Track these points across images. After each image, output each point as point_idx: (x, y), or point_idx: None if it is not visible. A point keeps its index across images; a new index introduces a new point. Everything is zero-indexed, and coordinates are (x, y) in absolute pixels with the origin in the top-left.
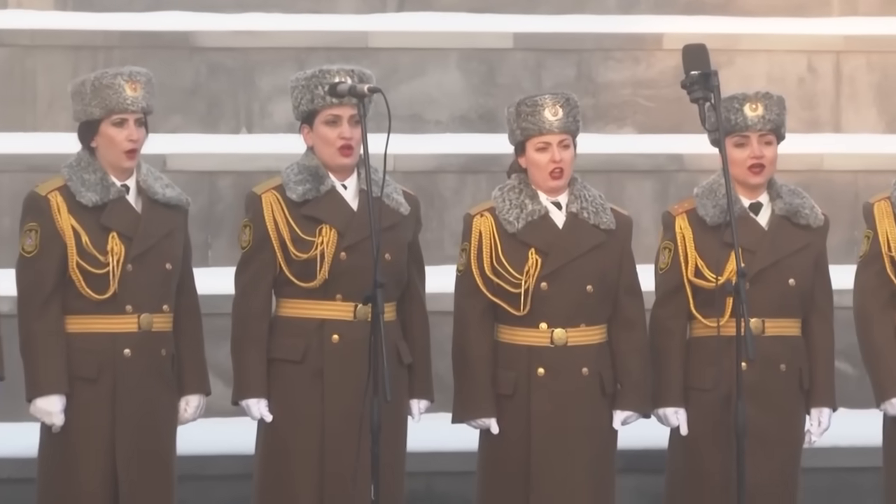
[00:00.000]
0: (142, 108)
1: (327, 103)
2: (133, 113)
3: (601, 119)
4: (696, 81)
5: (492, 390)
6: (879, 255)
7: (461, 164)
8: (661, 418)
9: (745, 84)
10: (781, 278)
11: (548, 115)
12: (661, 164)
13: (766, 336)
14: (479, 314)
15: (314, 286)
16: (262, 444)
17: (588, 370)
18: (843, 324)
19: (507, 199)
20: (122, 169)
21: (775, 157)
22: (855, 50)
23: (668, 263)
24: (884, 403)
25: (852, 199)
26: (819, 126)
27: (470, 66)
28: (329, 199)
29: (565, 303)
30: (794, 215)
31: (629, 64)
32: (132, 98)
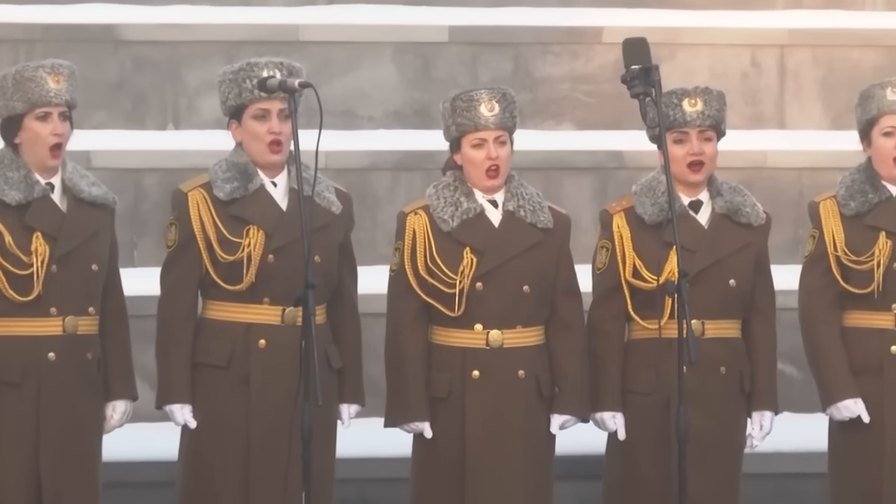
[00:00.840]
0: (66, 102)
1: (256, 97)
2: (57, 106)
3: (539, 115)
4: (637, 76)
5: (425, 393)
6: (825, 255)
7: (395, 161)
8: (599, 423)
9: (686, 79)
10: (722, 278)
11: (484, 111)
12: (601, 162)
13: (707, 338)
14: (412, 315)
15: (241, 289)
16: (185, 450)
17: (524, 373)
18: (788, 325)
19: (442, 197)
20: (47, 167)
21: (715, 153)
22: (800, 44)
23: (606, 263)
24: (830, 407)
25: (796, 197)
26: (763, 122)
27: (404, 60)
28: (257, 198)
29: (501, 303)
30: (734, 214)
31: (568, 58)
32: (55, 91)
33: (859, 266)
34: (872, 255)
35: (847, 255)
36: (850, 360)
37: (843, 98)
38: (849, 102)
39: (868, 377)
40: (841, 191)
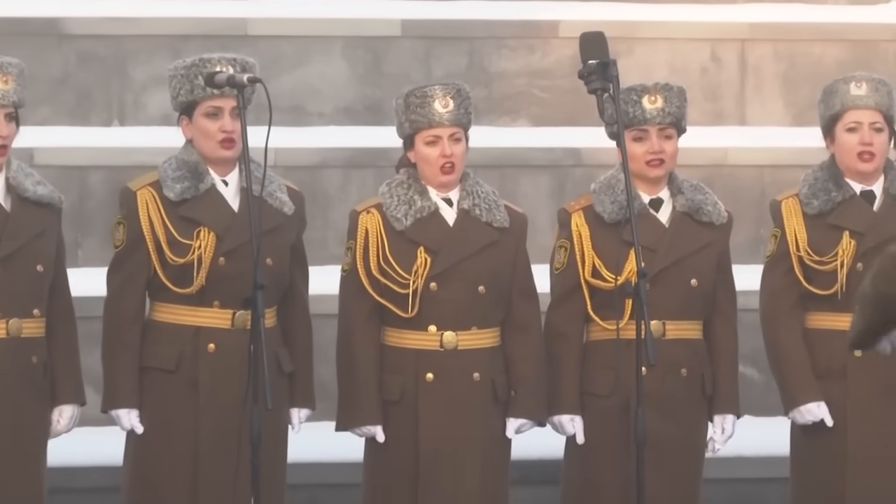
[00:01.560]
0: (12, 103)
1: (208, 94)
2: (3, 107)
3: (494, 111)
4: (594, 71)
5: (378, 396)
6: (787, 254)
7: (346, 158)
8: (557, 426)
9: (645, 74)
10: (683, 278)
11: (438, 107)
12: (558, 159)
13: (667, 339)
14: (364, 316)
15: (190, 292)
16: (131, 455)
17: (480, 375)
18: (750, 327)
19: (395, 195)
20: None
21: (676, 151)
22: (761, 38)
23: (564, 263)
24: (792, 411)
25: (758, 195)
26: (723, 118)
27: (355, 54)
28: (208, 198)
29: (456, 304)
30: (696, 212)
31: (523, 53)
32: (2, 91)
33: (822, 266)
34: (836, 256)
35: (810, 255)
36: (812, 363)
37: (805, 93)
38: (811, 98)
39: (831, 380)
40: (803, 189)
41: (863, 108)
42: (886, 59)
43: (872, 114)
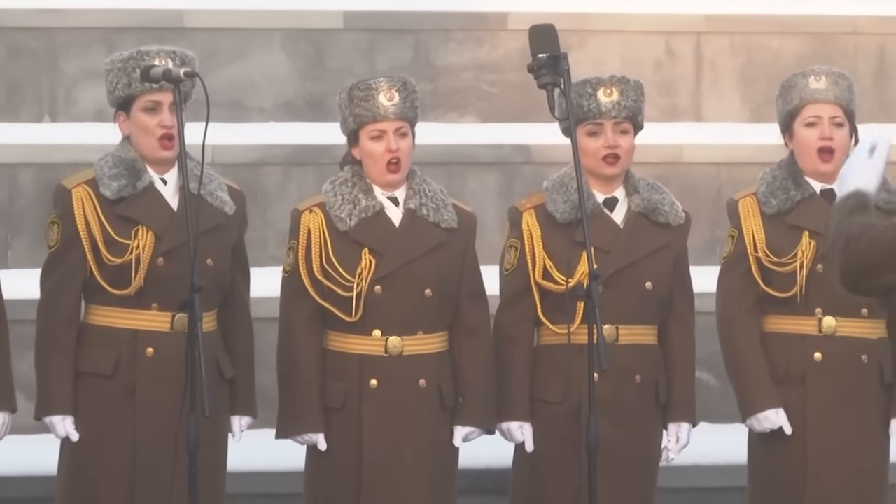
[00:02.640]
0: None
1: (146, 88)
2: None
3: (441, 106)
4: (544, 65)
5: (320, 403)
6: (745, 255)
7: (287, 155)
8: (506, 433)
9: (597, 68)
10: (638, 281)
11: (383, 100)
12: (507, 156)
13: (620, 344)
14: (306, 319)
15: (128, 294)
16: (66, 464)
17: (426, 382)
18: (705, 330)
19: (339, 193)
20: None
21: (632, 147)
22: (717, 31)
23: (514, 264)
24: (749, 418)
25: (714, 194)
26: (678, 114)
27: (296, 47)
28: (146, 196)
29: (401, 308)
30: (652, 212)
31: (471, 46)
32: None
33: (781, 268)
34: (795, 257)
35: (768, 257)
36: (771, 368)
37: (763, 88)
38: (769, 93)
39: (790, 386)
40: (761, 187)
41: (822, 103)
42: (847, 52)
43: (832, 108)
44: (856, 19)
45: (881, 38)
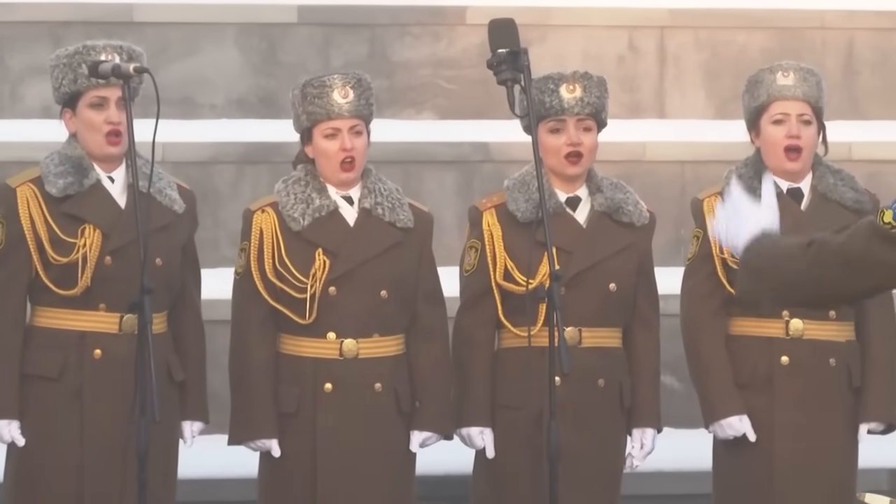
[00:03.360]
0: None
1: (93, 84)
2: None
3: (397, 103)
4: (504, 60)
5: (273, 408)
6: (710, 256)
7: (239, 153)
8: (465, 439)
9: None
10: (601, 282)
11: (337, 98)
12: (465, 154)
13: (583, 347)
14: (259, 322)
15: (74, 294)
16: (12, 471)
17: (382, 386)
18: (670, 333)
19: (292, 192)
20: None
21: (595, 145)
22: (681, 25)
23: (475, 265)
24: (713, 424)
25: (678, 192)
26: (641, 111)
27: (249, 42)
28: (93, 194)
29: (356, 310)
30: (615, 212)
31: (428, 41)
32: None
33: None
34: None
35: (734, 257)
36: (736, 372)
37: (728, 84)
38: (735, 89)
39: (756, 390)
40: (727, 186)
41: (790, 99)
42: (815, 47)
43: (800, 105)
44: (824, 13)
45: (849, 33)
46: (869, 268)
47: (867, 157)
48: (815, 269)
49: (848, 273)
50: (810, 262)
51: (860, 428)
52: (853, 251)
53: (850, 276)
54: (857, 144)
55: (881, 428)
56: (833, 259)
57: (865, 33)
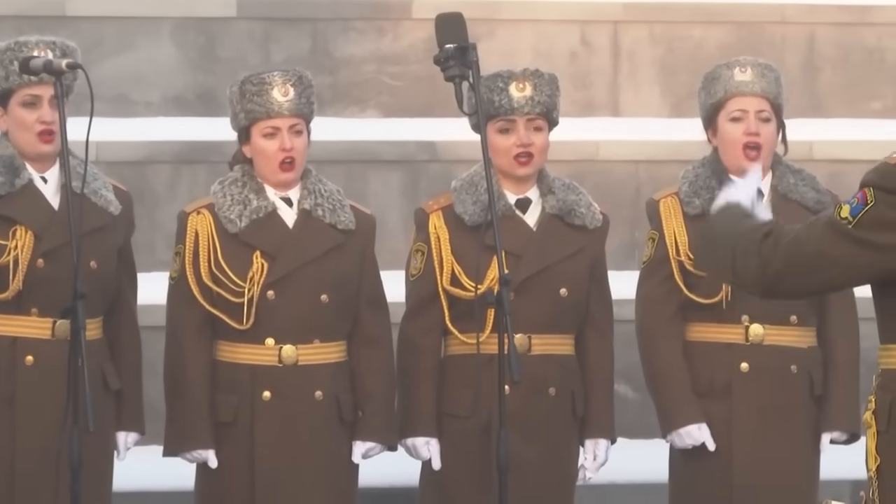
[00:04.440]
0: None
1: (24, 81)
2: None
3: (340, 100)
4: (452, 56)
5: (210, 418)
6: (666, 259)
7: (176, 152)
8: (410, 450)
9: (508, 59)
10: (552, 287)
11: (277, 96)
12: (411, 154)
13: (533, 354)
14: (195, 328)
15: (6, 298)
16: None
17: (322, 394)
18: (624, 340)
19: (229, 193)
20: None
21: (546, 145)
22: (635, 20)
23: (421, 269)
24: (671, 434)
25: (633, 193)
26: (594, 108)
27: (186, 37)
28: (25, 195)
29: (296, 315)
30: (567, 214)
31: (373, 36)
32: None
33: None
34: None
35: (691, 260)
36: (694, 380)
37: (684, 81)
38: (691, 86)
39: (715, 398)
40: (683, 186)
41: (748, 95)
42: (774, 42)
43: (758, 101)
44: (784, 7)
45: (811, 28)
46: (823, 266)
47: (829, 157)
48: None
49: (801, 270)
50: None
51: (822, 437)
52: (807, 247)
53: (803, 274)
54: (818, 143)
55: (844, 437)
56: (786, 255)
57: (827, 28)
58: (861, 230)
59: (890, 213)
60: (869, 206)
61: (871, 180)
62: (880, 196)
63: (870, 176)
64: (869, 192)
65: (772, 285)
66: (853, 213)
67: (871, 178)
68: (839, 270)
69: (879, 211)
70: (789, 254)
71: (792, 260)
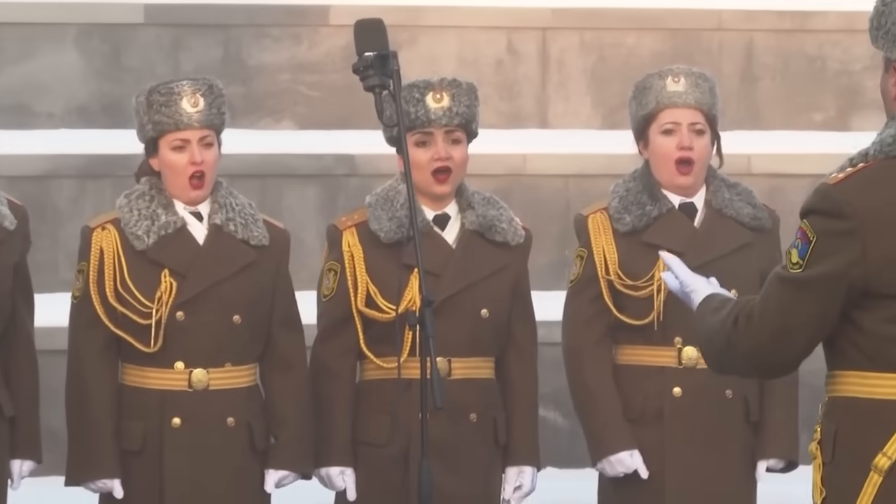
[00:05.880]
0: None
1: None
2: None
3: (254, 111)
4: (371, 65)
5: (115, 445)
6: (595, 278)
7: (80, 166)
8: (325, 480)
9: (431, 68)
10: (472, 308)
11: (186, 107)
12: (328, 167)
13: (454, 379)
14: (99, 351)
15: None
16: None
17: (234, 420)
18: (553, 363)
19: (136, 208)
20: None
21: (465, 158)
22: (565, 26)
23: (334, 289)
24: (601, 461)
25: (562, 209)
26: (521, 120)
27: (90, 44)
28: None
29: (207, 337)
30: (488, 230)
31: (288, 43)
32: None
33: (636, 292)
34: (651, 279)
35: (621, 279)
36: (625, 405)
37: (616, 90)
38: (624, 96)
39: (647, 424)
40: (613, 202)
41: (681, 107)
42: (710, 50)
43: (692, 113)
44: (721, 13)
45: (749, 35)
46: (796, 328)
47: (768, 171)
48: (743, 352)
49: (779, 342)
50: (733, 344)
51: (758, 465)
52: (772, 320)
53: (785, 342)
54: (756, 157)
55: (781, 465)
56: (757, 333)
57: (766, 35)
58: (815, 270)
59: (835, 241)
60: (813, 243)
61: (808, 207)
62: (820, 224)
63: (807, 202)
64: (807, 228)
65: (760, 364)
66: (801, 256)
67: (808, 204)
68: (815, 323)
69: (823, 243)
70: (759, 332)
71: (763, 338)
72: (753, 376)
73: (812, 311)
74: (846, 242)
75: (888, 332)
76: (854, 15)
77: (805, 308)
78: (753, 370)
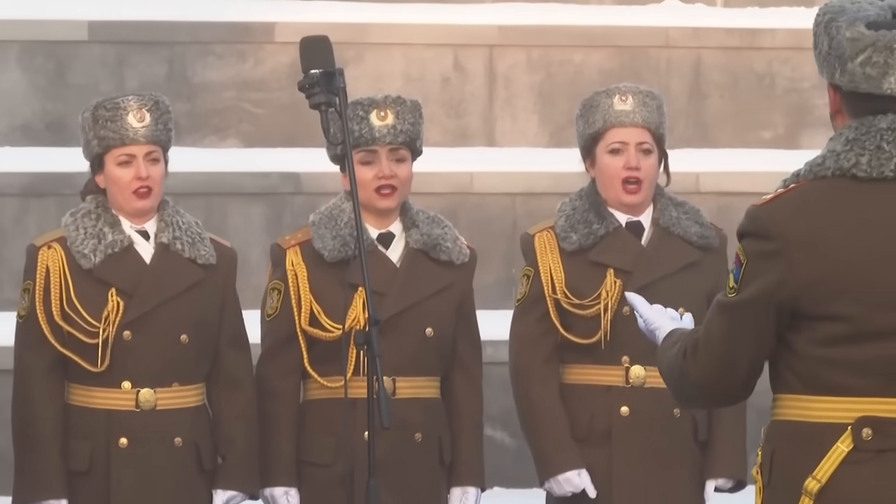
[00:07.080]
0: None
1: None
2: None
3: (198, 129)
4: (317, 82)
5: (62, 466)
6: (542, 297)
7: (24, 184)
8: (269, 500)
9: (377, 84)
10: (417, 327)
11: (132, 122)
12: (274, 185)
13: (399, 398)
14: (45, 370)
15: None
16: None
17: (182, 440)
18: (499, 383)
19: (82, 227)
20: None
21: (409, 176)
22: (512, 44)
23: (277, 308)
24: (548, 481)
25: (509, 227)
26: (468, 137)
27: (34, 62)
28: None
29: (154, 357)
30: (433, 249)
31: (233, 60)
32: None
33: (583, 311)
34: (598, 298)
35: (568, 298)
36: (572, 424)
37: (563, 108)
38: (571, 114)
39: (594, 444)
40: (560, 220)
41: (628, 126)
42: (658, 68)
43: (639, 132)
44: (668, 30)
45: (697, 52)
46: (741, 353)
47: (716, 189)
48: (694, 381)
49: (728, 370)
50: (685, 372)
51: (707, 484)
52: (717, 348)
53: (730, 369)
54: (704, 175)
55: (730, 484)
56: (705, 363)
57: (714, 53)
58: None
59: (762, 263)
60: (745, 265)
61: (741, 230)
62: (750, 247)
63: (740, 225)
64: (740, 251)
65: (711, 394)
66: (735, 280)
67: (741, 226)
68: (753, 347)
69: (753, 265)
70: (705, 361)
71: (709, 367)
72: (710, 406)
73: (748, 336)
74: (772, 264)
75: (818, 354)
76: (802, 32)
77: (741, 333)
78: (707, 399)
